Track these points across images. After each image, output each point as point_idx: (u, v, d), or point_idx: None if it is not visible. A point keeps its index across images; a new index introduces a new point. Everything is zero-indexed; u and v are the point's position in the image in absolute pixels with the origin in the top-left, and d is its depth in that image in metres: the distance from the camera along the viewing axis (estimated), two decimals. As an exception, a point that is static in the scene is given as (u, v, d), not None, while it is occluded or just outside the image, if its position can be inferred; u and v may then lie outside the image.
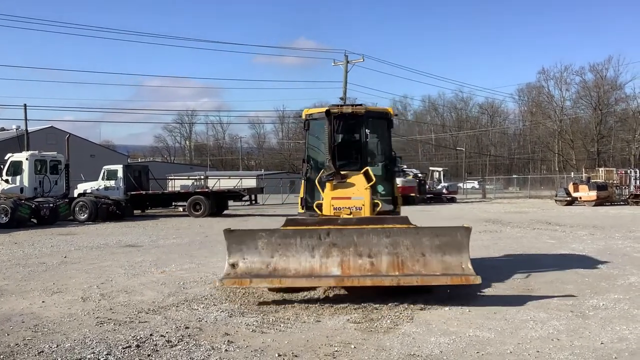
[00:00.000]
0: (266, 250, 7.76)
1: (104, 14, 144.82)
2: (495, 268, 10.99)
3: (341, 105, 9.68)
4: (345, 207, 8.91)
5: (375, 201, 9.23)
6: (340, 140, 9.71)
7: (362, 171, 9.34)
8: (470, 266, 7.63)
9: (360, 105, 9.83)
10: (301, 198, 9.92)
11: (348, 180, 9.17)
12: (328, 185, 9.10)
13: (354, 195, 9.08)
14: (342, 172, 9.13)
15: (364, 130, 9.92)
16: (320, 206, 9.21)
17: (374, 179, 9.19)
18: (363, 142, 9.89)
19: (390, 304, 7.58)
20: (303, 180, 9.92)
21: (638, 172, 42.08)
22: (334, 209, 8.89)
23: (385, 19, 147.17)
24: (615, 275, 10.08)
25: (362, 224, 8.27)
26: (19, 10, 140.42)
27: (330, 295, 8.26)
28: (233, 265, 7.70)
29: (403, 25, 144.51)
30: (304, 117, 10.08)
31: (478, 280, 7.52)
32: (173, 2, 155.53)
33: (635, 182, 40.93)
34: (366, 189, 9.05)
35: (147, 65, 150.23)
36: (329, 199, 8.97)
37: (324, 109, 9.57)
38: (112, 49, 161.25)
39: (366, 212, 8.88)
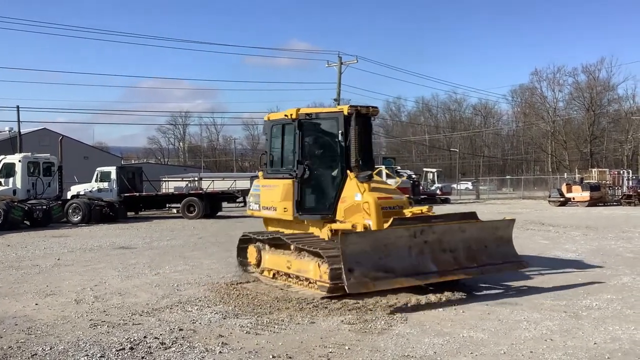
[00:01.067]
0: (375, 252, 7.72)
1: (97, 16, 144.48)
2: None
3: (359, 106, 9.28)
4: (390, 208, 8.81)
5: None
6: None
7: (376, 171, 9.41)
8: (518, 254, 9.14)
9: (375, 106, 9.63)
10: (297, 201, 9.35)
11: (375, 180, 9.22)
12: (365, 186, 8.79)
13: (394, 194, 9.15)
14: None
15: (370, 130, 9.94)
16: (344, 210, 9.01)
17: (396, 177, 9.32)
18: (368, 142, 9.86)
19: (384, 305, 7.60)
20: (293, 182, 9.40)
21: (631, 172, 42.36)
22: (382, 209, 8.69)
23: (379, 20, 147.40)
24: (608, 275, 10.13)
25: (443, 221, 8.64)
26: (11, 11, 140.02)
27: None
28: (350, 270, 7.44)
29: (396, 27, 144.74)
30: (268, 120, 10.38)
31: (528, 265, 9.29)
32: (166, 3, 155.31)
33: (628, 183, 41.20)
34: (396, 187, 9.18)
35: (140, 67, 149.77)
36: (374, 200, 8.66)
37: (284, 112, 9.76)
38: (105, 50, 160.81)
39: (406, 210, 8.90)
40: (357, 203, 8.82)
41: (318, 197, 9.51)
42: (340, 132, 9.14)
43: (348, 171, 8.99)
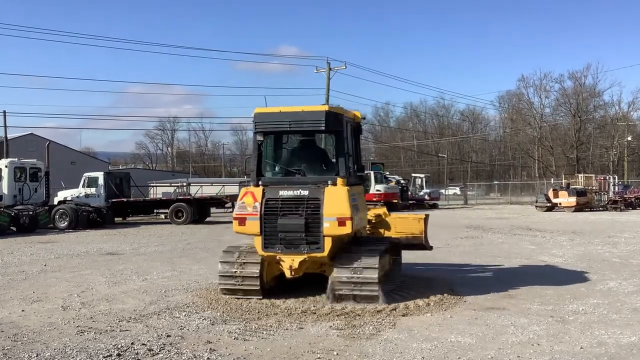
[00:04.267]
0: None
1: (85, 21, 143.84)
2: (476, 274, 11.09)
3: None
4: None
5: None
6: None
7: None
8: None
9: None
10: None
11: None
12: None
13: None
14: None
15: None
16: None
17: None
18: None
19: (372, 310, 7.62)
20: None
21: (617, 178, 42.71)
22: None
23: (368, 26, 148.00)
24: (595, 280, 10.21)
25: None
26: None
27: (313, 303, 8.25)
28: None
29: (385, 33, 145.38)
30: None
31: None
32: (155, 9, 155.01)
33: (614, 188, 41.51)
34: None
35: (128, 72, 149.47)
36: None
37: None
38: (93, 55, 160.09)
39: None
40: None
41: None
42: None
43: None
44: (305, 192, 8.20)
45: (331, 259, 8.16)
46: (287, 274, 8.28)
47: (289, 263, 8.18)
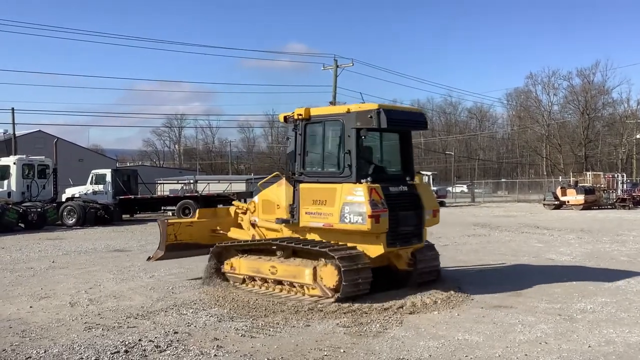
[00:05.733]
0: None
1: (93, 18, 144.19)
2: (483, 272, 11.05)
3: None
4: None
5: None
6: None
7: None
8: None
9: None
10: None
11: None
12: None
13: None
14: None
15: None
16: None
17: None
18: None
19: (379, 308, 7.61)
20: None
21: (625, 176, 42.47)
22: None
23: (375, 23, 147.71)
24: (603, 278, 10.15)
25: None
26: (7, 13, 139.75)
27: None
28: None
29: (392, 30, 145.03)
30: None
31: None
32: (162, 6, 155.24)
33: (622, 186, 41.29)
34: None
35: (136, 69, 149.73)
36: None
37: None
38: (101, 52, 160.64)
39: None
40: None
41: None
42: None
43: None
44: (405, 188, 8.54)
45: None
46: (401, 267, 8.72)
47: (404, 256, 8.64)
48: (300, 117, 8.81)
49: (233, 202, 11.57)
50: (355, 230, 8.07)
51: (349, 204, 8.02)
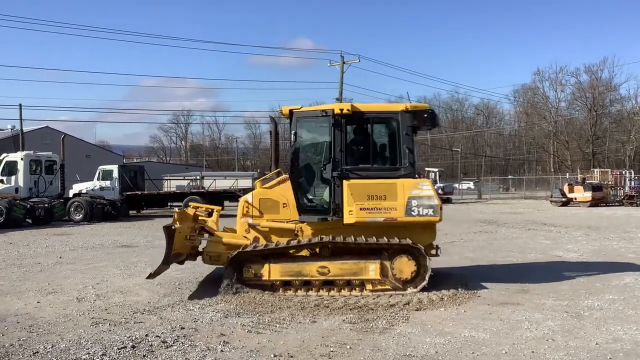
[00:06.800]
0: None
1: (100, 14, 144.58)
2: (490, 269, 11.02)
3: None
4: None
5: None
6: None
7: None
8: None
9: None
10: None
11: None
12: None
13: None
14: None
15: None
16: None
17: None
18: None
19: (385, 304, 7.61)
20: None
21: (633, 173, 42.24)
22: None
23: (382, 19, 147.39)
24: (610, 275, 10.11)
25: None
26: (15, 9, 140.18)
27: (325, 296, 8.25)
28: None
29: (399, 26, 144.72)
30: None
31: None
32: (169, 2, 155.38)
33: (630, 183, 41.10)
34: None
35: (143, 65, 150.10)
36: None
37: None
38: (108, 48, 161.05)
39: None
40: None
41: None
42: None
43: None
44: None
45: None
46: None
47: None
48: (342, 112, 8.72)
49: (190, 203, 11.37)
50: (424, 222, 8.58)
51: (416, 198, 8.45)
